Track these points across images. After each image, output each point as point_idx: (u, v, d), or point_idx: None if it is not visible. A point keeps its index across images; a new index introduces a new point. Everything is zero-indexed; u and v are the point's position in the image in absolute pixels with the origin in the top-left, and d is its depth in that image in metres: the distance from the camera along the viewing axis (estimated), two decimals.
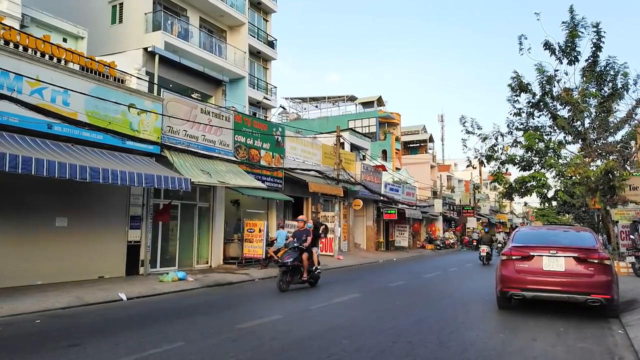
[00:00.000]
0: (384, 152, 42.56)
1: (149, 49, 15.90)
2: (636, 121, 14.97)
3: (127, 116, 12.93)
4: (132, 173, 11.16)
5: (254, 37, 27.20)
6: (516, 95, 15.59)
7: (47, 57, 11.75)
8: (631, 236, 16.59)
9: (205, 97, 18.50)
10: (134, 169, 11.46)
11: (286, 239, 16.07)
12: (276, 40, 29.35)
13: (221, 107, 17.83)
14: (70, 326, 7.57)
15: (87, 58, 13.13)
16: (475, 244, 34.15)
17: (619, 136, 15.56)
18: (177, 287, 11.79)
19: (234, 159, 17.03)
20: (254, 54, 27.35)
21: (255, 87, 27.33)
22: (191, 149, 15.08)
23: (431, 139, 58.41)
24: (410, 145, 56.86)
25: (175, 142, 14.57)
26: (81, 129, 11.60)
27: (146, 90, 14.33)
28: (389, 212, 31.35)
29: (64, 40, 16.67)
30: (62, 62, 12.13)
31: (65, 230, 12.00)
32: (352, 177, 25.70)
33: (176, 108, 14.70)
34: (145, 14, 20.97)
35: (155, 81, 15.21)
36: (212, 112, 16.33)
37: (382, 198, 30.69)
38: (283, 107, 34.23)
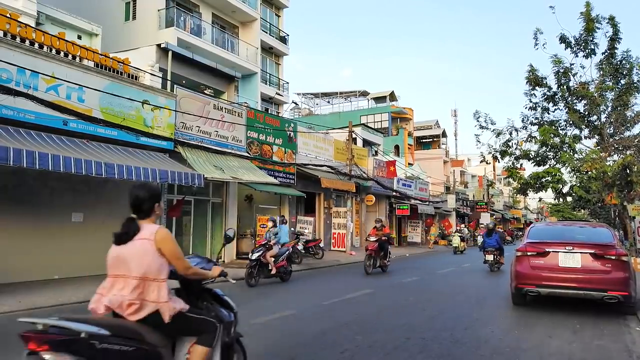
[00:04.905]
0: (397, 147, 42.36)
1: (162, 46, 15.98)
2: None
3: (141, 112, 13.02)
4: (147, 169, 11.26)
5: (266, 32, 27.21)
6: (532, 89, 15.40)
7: (62, 54, 11.88)
8: None
9: (218, 93, 18.57)
10: (148, 165, 11.56)
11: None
12: (288, 35, 29.32)
13: (234, 102, 17.87)
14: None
15: (101, 55, 13.24)
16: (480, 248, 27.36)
17: (636, 130, 15.30)
18: None
19: (246, 154, 17.08)
20: (266, 49, 27.37)
21: (268, 82, 27.36)
22: (204, 145, 15.15)
23: (444, 134, 57.97)
24: (423, 140, 56.49)
25: (188, 138, 14.65)
26: (96, 125, 11.72)
27: (160, 87, 14.42)
28: (402, 207, 31.24)
29: (79, 37, 16.82)
30: (77, 59, 12.25)
31: (81, 226, 12.15)
32: (364, 172, 25.63)
33: (189, 104, 14.77)
34: (158, 10, 21.08)
35: (169, 77, 15.30)
36: (225, 108, 16.38)
37: (394, 193, 30.57)
38: (295, 103, 34.23)
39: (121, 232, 3.12)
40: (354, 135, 24.58)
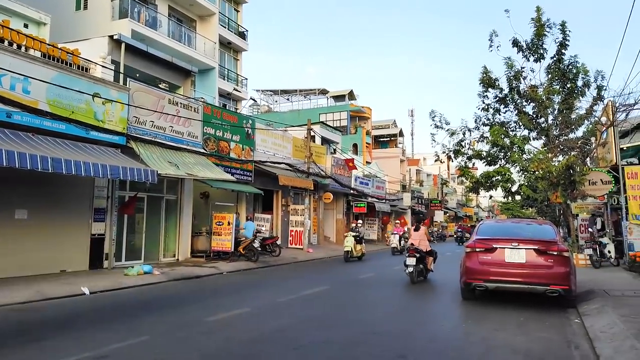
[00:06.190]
0: (355, 145, 42.78)
1: (115, 37, 15.44)
2: (596, 118, 15.52)
3: (92, 106, 12.56)
4: (97, 164, 10.87)
5: (225, 27, 26.81)
6: (485, 91, 15.93)
7: (6, 43, 11.29)
8: (590, 229, 17.23)
9: (174, 87, 18.14)
10: (98, 160, 11.16)
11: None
12: (247, 31, 29.02)
13: (190, 98, 17.53)
14: (29, 321, 7.34)
15: (49, 45, 12.68)
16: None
17: (579, 132, 16.12)
18: (142, 280, 11.58)
19: (202, 150, 16.80)
20: (225, 44, 26.98)
21: (226, 78, 26.98)
22: (158, 140, 14.78)
23: (401, 134, 58.99)
24: (381, 139, 57.29)
25: (141, 133, 14.26)
26: (42, 118, 11.21)
27: (112, 80, 13.95)
28: (359, 205, 31.63)
29: (25, 26, 16.02)
30: (23, 49, 11.68)
31: (25, 223, 11.61)
32: (322, 170, 25.75)
33: (143, 98, 14.37)
34: (112, 0, 20.37)
35: (121, 70, 14.82)
36: (181, 103, 16.05)
37: (352, 191, 30.89)
38: (254, 99, 33.91)
39: None
40: (312, 133, 24.64)
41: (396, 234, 25.29)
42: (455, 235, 40.63)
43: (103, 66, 13.96)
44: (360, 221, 24.28)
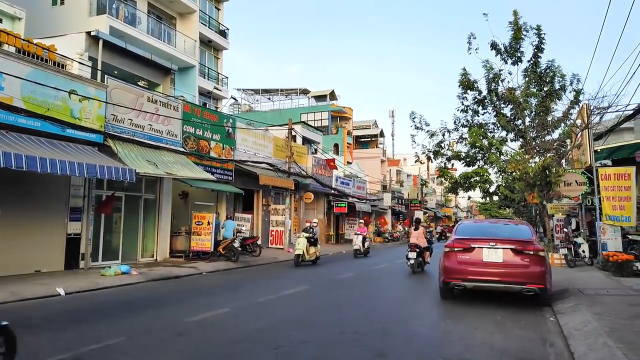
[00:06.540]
0: (336, 145, 42.89)
1: (93, 33, 15.16)
2: (571, 121, 15.86)
3: (68, 103, 12.32)
4: (73, 162, 10.66)
5: (205, 25, 26.59)
6: (464, 92, 16.14)
7: None
8: (565, 229, 17.56)
9: (153, 85, 17.90)
10: (74, 158, 10.95)
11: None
12: (228, 29, 28.85)
13: (169, 96, 17.32)
14: None
15: (24, 40, 12.40)
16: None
17: (556, 135, 16.46)
18: (120, 281, 11.40)
19: (182, 149, 16.62)
20: (205, 42, 26.75)
21: (206, 76, 26.76)
22: (137, 139, 14.58)
23: (382, 134, 59.38)
24: (362, 139, 57.56)
25: (119, 131, 14.04)
26: (17, 115, 10.95)
27: (89, 77, 13.70)
28: (340, 205, 31.69)
29: None
30: None
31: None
32: (303, 170, 25.74)
33: (121, 96, 14.15)
34: None
35: (99, 67, 14.56)
36: (160, 101, 15.85)
37: (333, 191, 30.94)
38: (234, 98, 33.62)
39: None
40: (293, 133, 24.60)
41: (359, 234, 22.49)
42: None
43: (80, 63, 13.71)
44: (315, 221, 20.46)
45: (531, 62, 15.38)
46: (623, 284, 10.24)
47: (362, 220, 27.65)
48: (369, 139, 57.99)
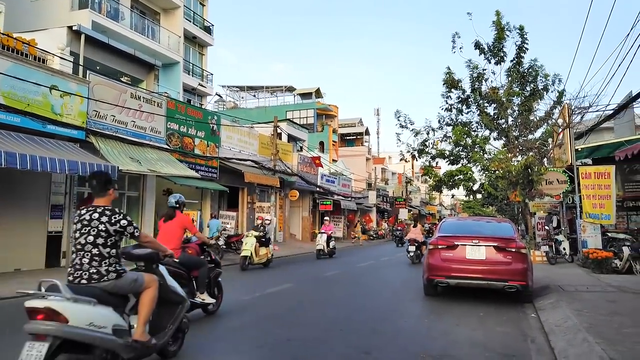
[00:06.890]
0: (322, 143, 42.88)
1: (75, 28, 14.94)
2: (553, 120, 16.09)
3: (49, 98, 12.11)
4: (54, 159, 10.50)
5: (190, 21, 26.33)
6: (448, 91, 16.25)
7: None
8: (546, 227, 17.82)
9: (136, 81, 17.71)
10: (55, 155, 10.78)
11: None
12: (213, 25, 28.62)
13: (153, 92, 17.14)
14: None
15: (3, 34, 12.16)
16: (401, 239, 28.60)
17: (538, 134, 16.67)
18: None
19: (166, 146, 16.47)
20: (190, 38, 26.50)
21: (191, 73, 26.52)
22: (120, 135, 14.41)
23: (367, 132, 59.53)
24: (347, 137, 57.66)
25: (102, 127, 13.85)
26: None
27: (70, 72, 13.51)
28: (325, 203, 31.73)
29: None
30: None
31: None
32: (288, 167, 25.70)
33: (104, 92, 13.96)
34: None
35: (81, 62, 14.36)
36: (143, 98, 15.67)
37: (318, 189, 30.95)
38: (219, 95, 33.45)
39: None
40: (279, 130, 24.56)
41: (324, 233, 20.49)
42: (394, 235, 34.27)
43: (61, 57, 13.50)
44: (268, 218, 18.23)
45: (514, 61, 15.54)
46: (602, 281, 10.43)
47: (327, 218, 25.76)
48: (355, 137, 58.12)
